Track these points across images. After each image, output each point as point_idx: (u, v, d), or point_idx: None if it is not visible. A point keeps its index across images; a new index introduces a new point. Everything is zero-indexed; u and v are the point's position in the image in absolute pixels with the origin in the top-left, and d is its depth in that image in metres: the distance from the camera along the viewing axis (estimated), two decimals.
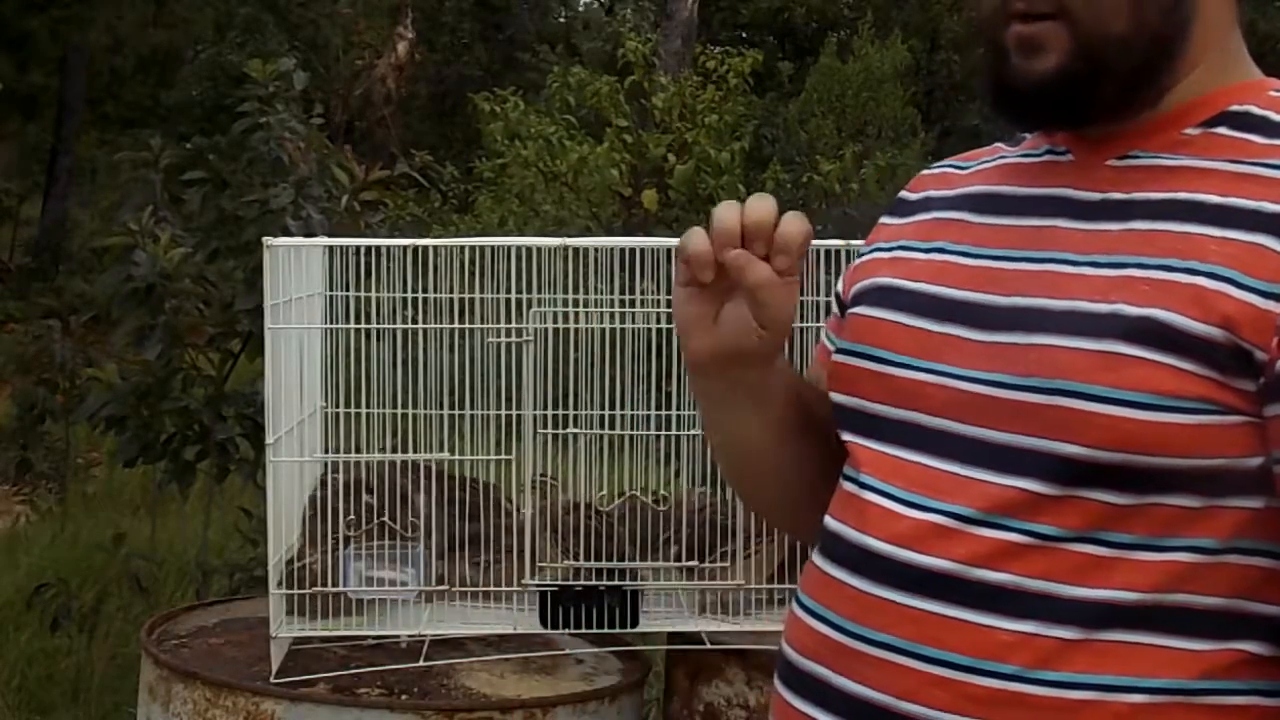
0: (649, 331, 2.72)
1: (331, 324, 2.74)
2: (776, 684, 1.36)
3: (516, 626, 2.62)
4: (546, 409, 2.65)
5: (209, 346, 4.31)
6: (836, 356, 1.39)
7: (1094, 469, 1.18)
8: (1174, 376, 1.17)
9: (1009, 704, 1.20)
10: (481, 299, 2.69)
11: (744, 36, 19.66)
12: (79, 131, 18.50)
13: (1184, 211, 1.22)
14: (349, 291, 2.73)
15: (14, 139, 19.29)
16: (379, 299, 2.72)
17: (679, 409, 2.77)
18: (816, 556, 1.34)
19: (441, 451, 2.69)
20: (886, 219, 1.47)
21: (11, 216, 18.57)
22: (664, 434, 2.79)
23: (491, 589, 2.66)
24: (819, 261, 2.67)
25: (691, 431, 2.75)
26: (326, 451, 2.75)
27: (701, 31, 14.32)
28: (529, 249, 2.67)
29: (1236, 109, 1.27)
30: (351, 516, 2.62)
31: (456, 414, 2.73)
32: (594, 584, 2.59)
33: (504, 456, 2.66)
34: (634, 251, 2.67)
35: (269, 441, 2.51)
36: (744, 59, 10.20)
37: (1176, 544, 1.19)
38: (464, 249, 2.70)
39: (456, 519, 2.69)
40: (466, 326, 2.67)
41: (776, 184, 9.76)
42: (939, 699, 1.22)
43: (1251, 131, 1.26)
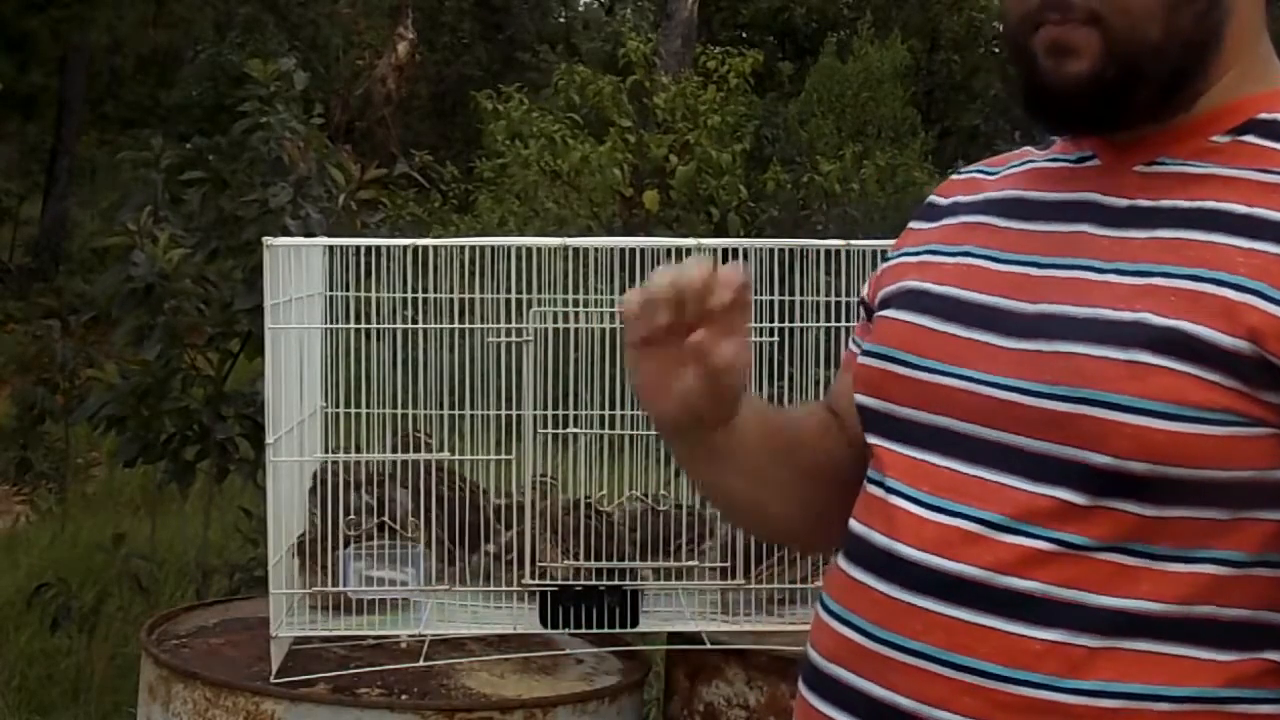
0: None
1: (331, 324, 2.74)
2: (800, 686, 1.35)
3: (516, 626, 2.62)
4: (546, 409, 2.65)
5: (209, 346, 4.31)
6: (862, 359, 1.39)
7: (1122, 479, 1.18)
8: (1200, 387, 1.17)
9: (1041, 712, 1.20)
10: (481, 299, 2.69)
11: (744, 36, 19.65)
12: (79, 131, 18.49)
13: (1211, 221, 1.22)
14: (349, 291, 2.73)
15: (14, 139, 19.28)
16: (379, 299, 2.72)
17: None
18: (841, 559, 1.34)
19: (442, 451, 2.69)
20: (915, 223, 1.46)
21: (11, 216, 18.55)
22: None
23: (492, 589, 2.66)
24: (819, 261, 2.67)
25: None
26: (326, 451, 2.75)
27: (701, 31, 14.31)
28: (529, 249, 2.67)
29: (1265, 117, 1.26)
30: (352, 516, 2.62)
31: (456, 414, 2.73)
32: (594, 584, 2.59)
33: (504, 456, 2.66)
34: (634, 251, 2.67)
35: (269, 441, 2.51)
36: (744, 59, 10.21)
37: (1204, 556, 1.19)
38: (464, 249, 2.70)
39: (456, 517, 2.69)
40: (466, 326, 2.67)
41: (777, 184, 9.75)
42: (970, 706, 1.22)
43: None
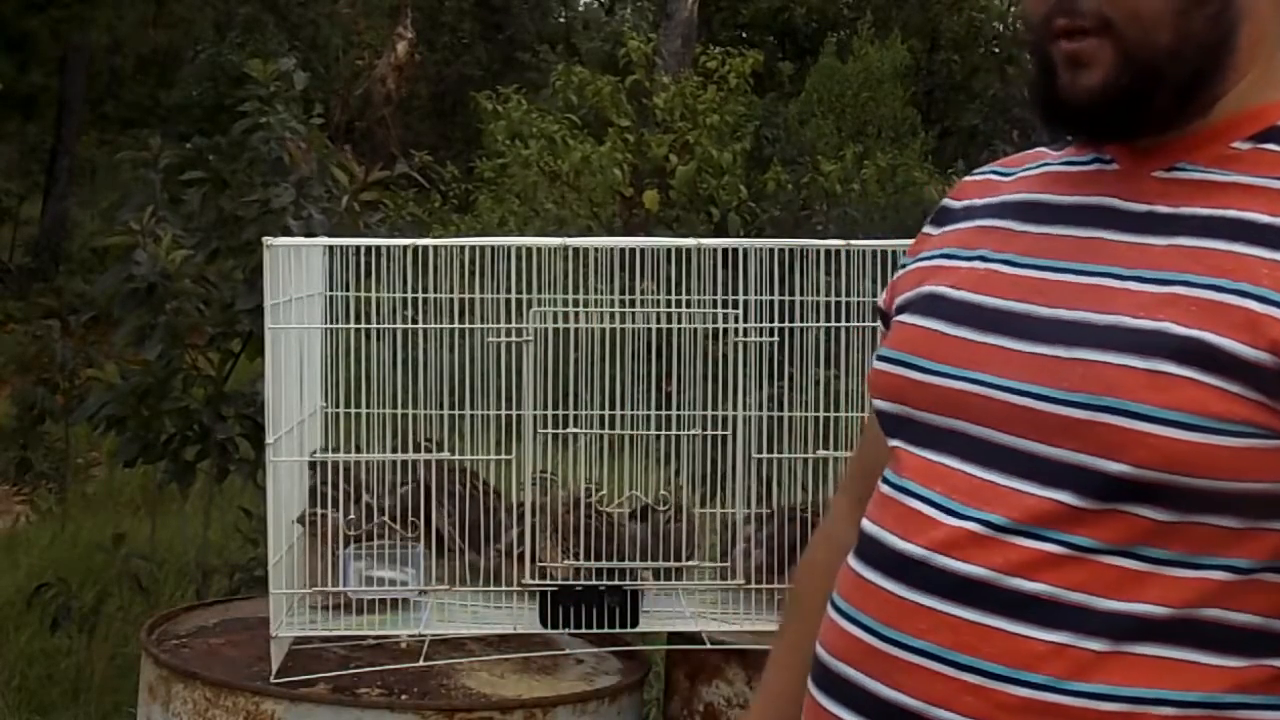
0: (649, 331, 2.72)
1: (331, 324, 2.74)
2: (809, 685, 1.36)
3: (516, 626, 2.62)
4: (546, 409, 2.65)
5: (209, 346, 4.31)
6: (877, 364, 1.39)
7: (1137, 486, 1.18)
8: (1222, 399, 1.17)
9: (1042, 713, 1.20)
10: (481, 299, 2.69)
11: (744, 36, 19.65)
12: (79, 131, 18.48)
13: (1233, 230, 1.21)
14: (349, 291, 2.73)
15: (14, 139, 19.27)
16: (379, 299, 2.72)
17: (679, 409, 2.77)
18: (852, 558, 1.34)
19: (442, 451, 2.69)
20: (929, 228, 1.46)
21: (11, 216, 18.55)
22: (664, 434, 2.79)
23: (492, 589, 2.66)
24: (819, 261, 2.67)
25: (691, 431, 2.75)
26: (326, 451, 2.75)
27: (701, 31, 14.31)
28: (529, 249, 2.67)
29: None
30: (351, 516, 2.62)
31: (456, 414, 2.73)
32: (594, 584, 2.59)
33: (504, 456, 2.66)
34: (634, 251, 2.67)
35: (269, 441, 2.51)
36: (744, 59, 10.19)
37: (1212, 562, 1.19)
38: (464, 249, 2.71)
39: (457, 515, 2.69)
40: (466, 326, 2.67)
41: (777, 184, 9.75)
42: (972, 706, 1.22)
43: None
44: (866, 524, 1.34)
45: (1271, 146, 1.25)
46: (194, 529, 4.84)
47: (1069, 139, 1.38)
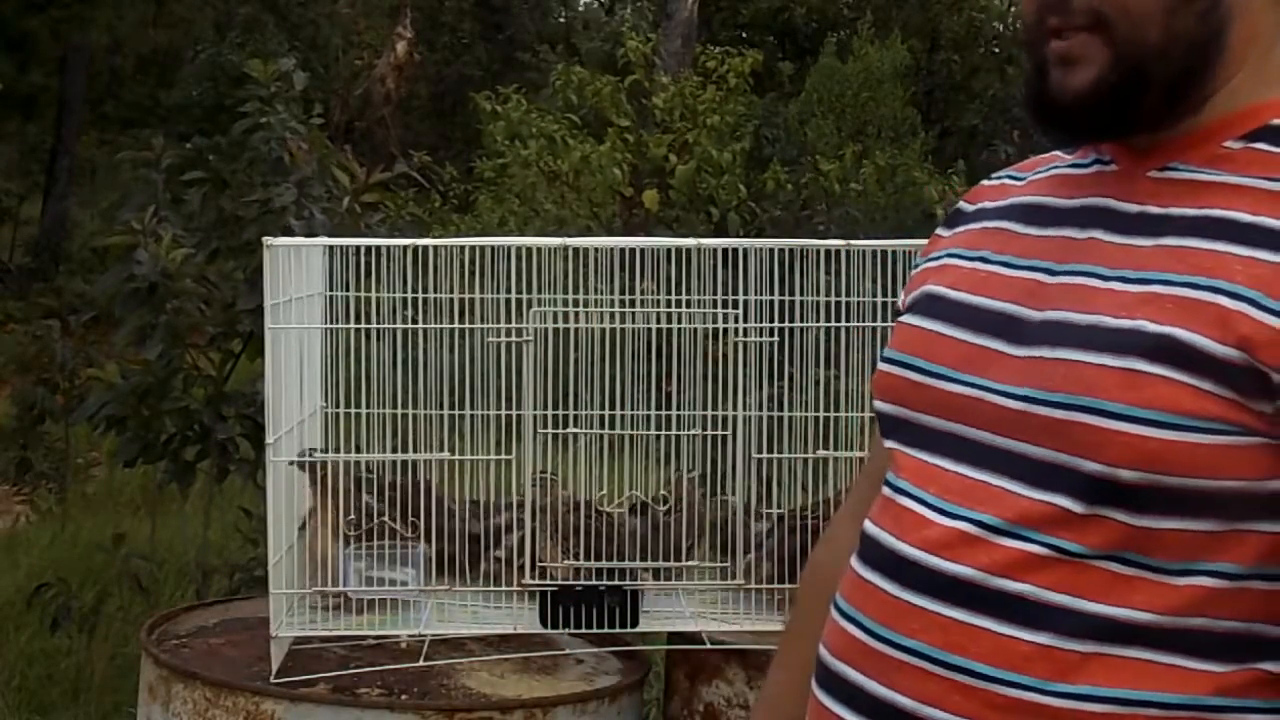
0: (649, 331, 2.72)
1: (331, 324, 2.74)
2: (813, 684, 1.37)
3: (516, 626, 2.62)
4: (546, 409, 2.65)
5: (209, 346, 4.31)
6: (881, 365, 1.40)
7: (1116, 487, 1.19)
8: (1193, 396, 1.17)
9: (1029, 713, 1.20)
10: (481, 299, 2.69)
11: (744, 36, 19.65)
12: (79, 131, 18.48)
13: (1214, 229, 1.21)
14: (349, 291, 2.73)
15: (14, 139, 19.28)
16: (379, 299, 2.72)
17: (679, 409, 2.77)
18: (854, 559, 1.35)
19: (442, 451, 2.69)
20: (942, 230, 1.47)
21: (11, 216, 18.55)
22: (664, 434, 2.79)
23: (492, 589, 2.66)
24: (819, 261, 2.67)
25: (691, 431, 2.75)
26: (326, 451, 2.75)
27: (701, 31, 14.30)
28: (529, 249, 2.67)
29: (1278, 123, 1.26)
30: (351, 516, 2.62)
31: (456, 414, 2.73)
32: (594, 584, 2.59)
33: (504, 456, 2.66)
34: (634, 251, 2.68)
35: (269, 441, 2.51)
36: (744, 59, 10.19)
37: (1199, 569, 1.19)
38: (464, 249, 2.71)
39: (458, 518, 2.69)
40: (466, 326, 2.67)
41: (777, 184, 9.75)
42: (961, 706, 1.22)
43: None
44: (867, 524, 1.35)
45: (1262, 146, 1.25)
46: (194, 529, 4.84)
47: (1058, 145, 1.38)
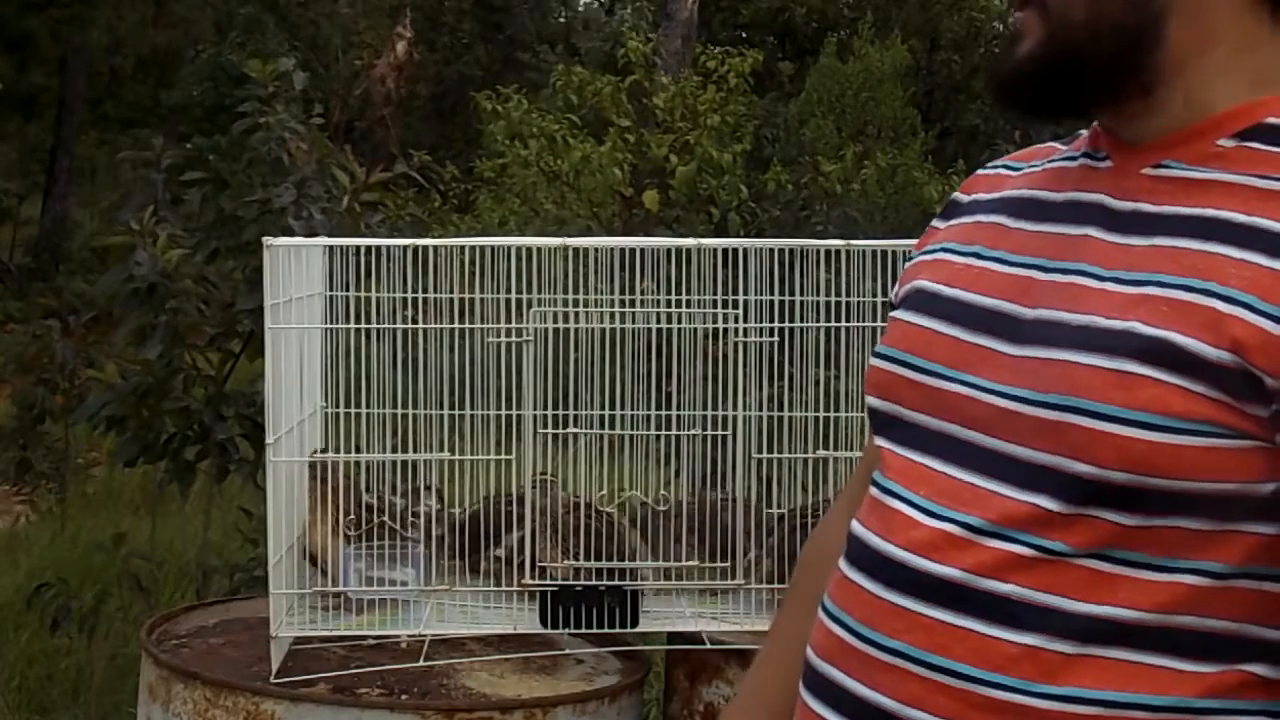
0: (649, 331, 2.72)
1: (331, 324, 2.74)
2: (800, 686, 1.36)
3: (516, 626, 2.62)
4: (546, 409, 2.65)
5: (209, 346, 4.31)
6: (873, 360, 1.39)
7: (1105, 488, 1.18)
8: (1185, 398, 1.16)
9: (1014, 715, 1.20)
10: (481, 299, 2.69)
11: (744, 36, 19.66)
12: (79, 131, 18.50)
13: (1208, 229, 1.20)
14: (349, 291, 2.73)
15: (14, 139, 19.29)
16: (379, 299, 2.72)
17: (679, 409, 2.77)
18: (841, 561, 1.34)
19: (441, 451, 2.69)
20: (937, 222, 1.46)
21: (11, 216, 18.56)
22: (664, 434, 2.79)
23: (492, 589, 2.66)
24: (819, 261, 2.67)
25: (691, 431, 2.75)
26: (326, 451, 2.75)
27: (701, 31, 14.31)
28: (529, 249, 2.67)
29: (1273, 121, 1.24)
30: (351, 516, 2.62)
31: (456, 414, 2.73)
32: (594, 584, 2.59)
33: (504, 456, 2.66)
34: (634, 251, 2.68)
35: (269, 441, 2.51)
36: (744, 59, 10.19)
37: (1184, 566, 1.19)
38: (464, 249, 2.71)
39: (458, 518, 2.69)
40: (466, 326, 2.67)
41: (777, 184, 9.75)
42: (945, 707, 1.22)
43: None
44: (854, 525, 1.34)
45: (1255, 144, 1.24)
46: (194, 529, 4.84)
47: (1009, 111, 1.39)
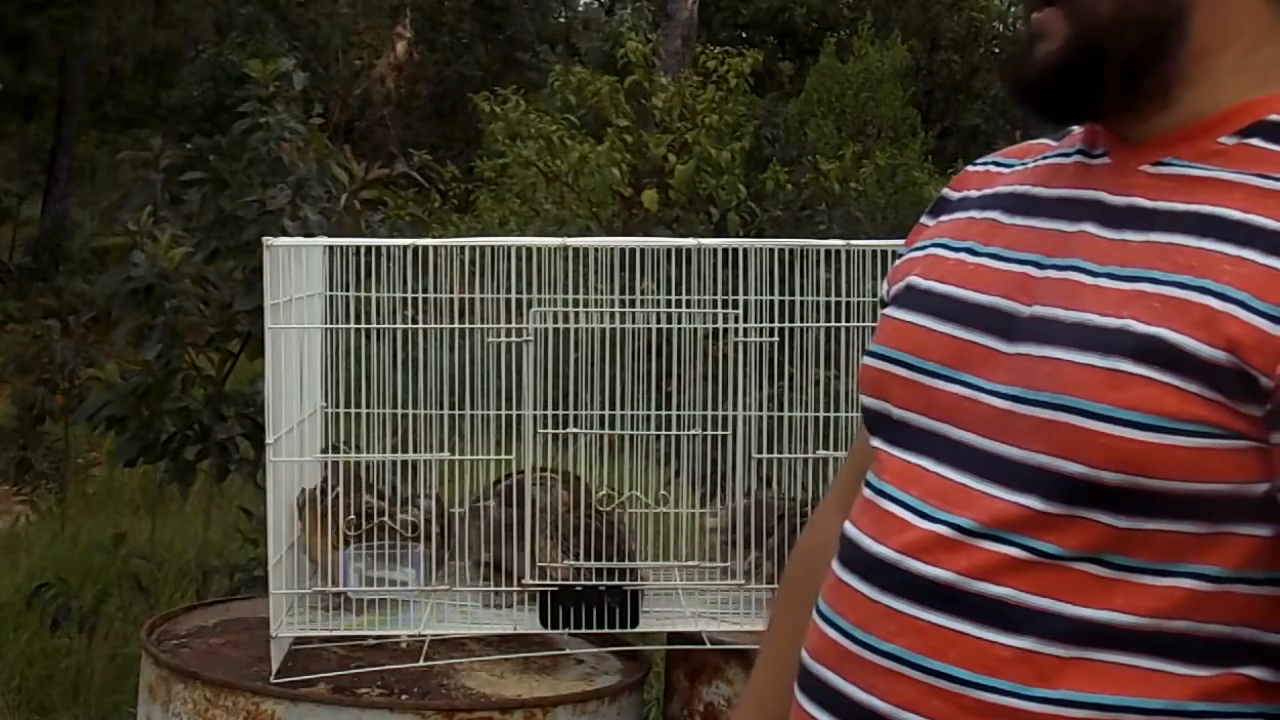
0: (649, 331, 2.72)
1: (331, 324, 2.74)
2: (795, 688, 1.35)
3: (516, 626, 2.62)
4: (546, 409, 2.65)
5: (209, 346, 4.31)
6: (866, 359, 1.37)
7: (1096, 489, 1.17)
8: (1178, 398, 1.15)
9: (1006, 717, 1.19)
10: (481, 299, 2.69)
11: (744, 36, 19.66)
12: (79, 131, 18.50)
13: (1204, 226, 1.19)
14: (349, 291, 2.73)
15: (14, 139, 19.29)
16: (379, 299, 2.72)
17: (679, 409, 2.77)
18: (834, 562, 1.34)
19: (441, 451, 2.69)
20: (926, 218, 1.45)
21: (11, 216, 18.57)
22: (664, 434, 2.79)
23: (492, 589, 2.66)
24: (819, 261, 2.67)
25: (691, 431, 2.75)
26: (326, 451, 2.75)
27: (701, 31, 14.31)
28: (529, 249, 2.67)
29: (1274, 119, 1.23)
30: (351, 516, 2.62)
31: (456, 414, 2.73)
32: (594, 584, 2.59)
33: (504, 456, 2.66)
34: (634, 251, 2.67)
35: (269, 441, 2.51)
36: (744, 59, 10.19)
37: (1181, 570, 1.18)
38: (464, 249, 2.70)
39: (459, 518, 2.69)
40: (466, 326, 2.67)
41: (777, 184, 9.75)
42: (938, 710, 1.21)
43: None
44: (847, 526, 1.33)
45: (1256, 142, 1.23)
46: (194, 529, 4.84)
47: (1032, 113, 1.35)
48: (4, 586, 5.54)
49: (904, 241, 1.46)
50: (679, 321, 2.72)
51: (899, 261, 1.43)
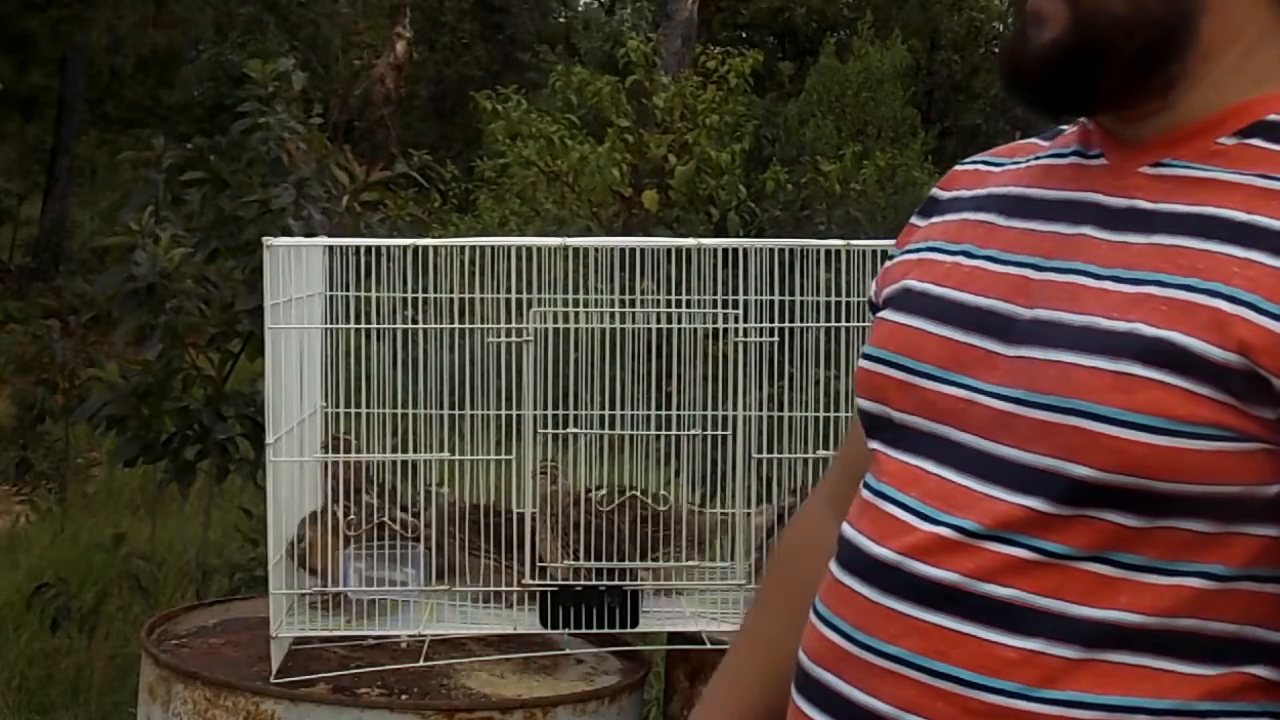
0: (649, 331, 2.72)
1: (331, 324, 2.74)
2: (792, 690, 1.35)
3: (516, 626, 2.62)
4: (546, 409, 2.65)
5: (209, 346, 4.31)
6: (862, 362, 1.36)
7: (1104, 491, 1.16)
8: (1187, 401, 1.14)
9: (1010, 719, 1.19)
10: (481, 299, 2.69)
11: (744, 36, 19.67)
12: (79, 131, 18.48)
13: (1208, 228, 1.19)
14: (349, 291, 2.73)
15: (14, 139, 19.28)
16: (379, 299, 2.72)
17: (679, 409, 2.77)
18: (832, 564, 1.33)
19: (441, 451, 2.69)
20: (916, 219, 1.43)
21: (11, 216, 18.56)
22: (663, 434, 2.80)
23: (492, 589, 2.66)
24: (819, 261, 2.67)
25: (691, 431, 2.75)
26: (326, 451, 2.75)
27: (701, 31, 14.31)
28: (529, 249, 2.67)
29: (1274, 119, 1.23)
30: (352, 516, 2.62)
31: (456, 414, 2.73)
32: (594, 584, 2.59)
33: (504, 456, 2.66)
34: (634, 251, 2.68)
35: (269, 441, 2.51)
36: (744, 59, 10.19)
37: (1187, 569, 1.17)
38: (464, 249, 2.71)
39: (458, 519, 2.69)
40: (466, 326, 2.67)
41: (777, 184, 9.75)
42: (942, 712, 1.21)
43: None
44: (845, 528, 1.33)
45: (1256, 142, 1.22)
46: (194, 529, 4.84)
47: (1025, 103, 1.33)
48: (4, 586, 5.54)
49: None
50: (679, 321, 2.72)
51: (890, 264, 1.42)
